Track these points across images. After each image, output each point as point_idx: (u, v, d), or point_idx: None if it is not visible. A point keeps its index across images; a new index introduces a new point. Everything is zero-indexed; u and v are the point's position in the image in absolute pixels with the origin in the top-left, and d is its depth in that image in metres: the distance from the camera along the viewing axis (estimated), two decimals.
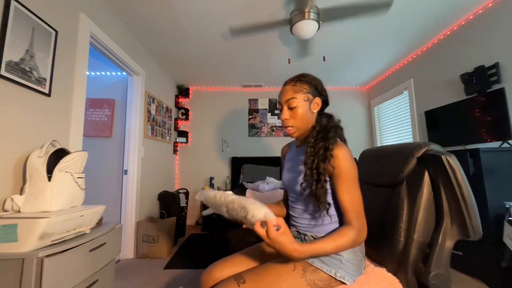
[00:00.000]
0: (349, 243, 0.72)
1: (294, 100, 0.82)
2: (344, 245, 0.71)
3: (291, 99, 0.82)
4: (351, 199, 0.74)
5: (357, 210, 0.74)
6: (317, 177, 0.75)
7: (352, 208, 0.74)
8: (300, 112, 0.82)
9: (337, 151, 0.75)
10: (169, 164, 3.46)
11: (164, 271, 2.02)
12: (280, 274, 0.73)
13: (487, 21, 2.03)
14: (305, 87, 0.83)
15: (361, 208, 0.75)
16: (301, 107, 0.82)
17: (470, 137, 2.06)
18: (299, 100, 0.82)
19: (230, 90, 4.02)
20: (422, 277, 0.69)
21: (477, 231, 0.66)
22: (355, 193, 0.75)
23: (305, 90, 0.83)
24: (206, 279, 0.85)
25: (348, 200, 0.74)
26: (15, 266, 0.86)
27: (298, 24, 1.94)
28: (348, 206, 0.74)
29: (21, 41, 1.19)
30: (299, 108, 0.82)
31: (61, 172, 1.11)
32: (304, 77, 0.85)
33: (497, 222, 1.53)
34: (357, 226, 0.73)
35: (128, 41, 2.30)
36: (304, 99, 0.82)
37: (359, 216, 0.74)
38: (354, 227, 0.72)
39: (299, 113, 0.82)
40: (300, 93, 0.82)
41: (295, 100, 0.82)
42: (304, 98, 0.82)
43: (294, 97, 0.82)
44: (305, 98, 0.83)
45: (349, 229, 0.72)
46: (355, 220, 0.73)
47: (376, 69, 3.38)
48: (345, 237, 0.71)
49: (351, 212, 0.73)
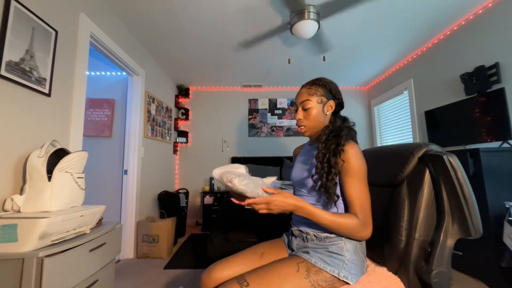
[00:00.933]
0: (348, 228, 0.73)
1: (308, 102, 0.88)
2: (341, 225, 0.73)
3: (305, 101, 0.89)
4: (358, 194, 0.76)
5: (363, 206, 0.76)
6: (328, 169, 0.78)
7: (358, 203, 0.76)
8: (313, 113, 0.88)
9: (348, 147, 0.78)
10: (169, 164, 3.46)
11: (164, 271, 2.02)
12: (284, 276, 0.72)
13: (487, 21, 2.03)
14: (319, 90, 0.89)
15: (368, 205, 0.77)
16: (314, 109, 0.88)
17: (470, 137, 2.06)
18: (313, 102, 0.88)
19: (230, 90, 4.02)
20: (424, 276, 0.69)
21: (477, 230, 0.66)
22: (362, 189, 0.77)
23: (319, 93, 0.89)
24: (206, 279, 0.85)
25: (354, 195, 0.76)
26: (15, 266, 0.86)
27: (297, 25, 1.94)
28: (354, 201, 0.76)
29: (21, 41, 1.19)
30: (313, 110, 0.88)
31: (61, 172, 1.11)
32: (319, 80, 0.91)
33: (497, 222, 1.53)
34: (361, 219, 0.74)
35: (128, 41, 2.30)
36: (318, 101, 0.88)
37: (364, 211, 0.76)
38: (358, 218, 0.74)
39: (313, 114, 0.88)
40: (314, 96, 0.88)
41: (309, 102, 0.88)
42: (318, 100, 0.88)
43: (308, 99, 0.88)
44: (319, 101, 0.89)
45: (353, 217, 0.75)
46: (360, 214, 0.75)
47: (376, 69, 3.38)
48: (346, 219, 0.74)
49: (357, 206, 0.75)
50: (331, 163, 0.78)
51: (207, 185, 3.75)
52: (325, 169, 0.78)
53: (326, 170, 0.78)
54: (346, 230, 0.74)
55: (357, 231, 0.74)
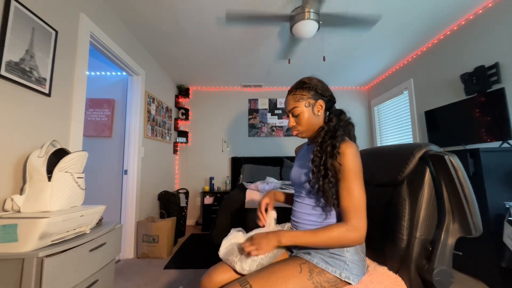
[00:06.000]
0: (335, 238, 0.73)
1: (296, 109, 0.87)
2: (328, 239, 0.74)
3: (293, 108, 0.88)
4: (353, 195, 0.75)
5: (355, 207, 0.74)
6: (324, 172, 0.77)
7: (349, 204, 0.75)
8: (304, 118, 0.87)
9: (344, 148, 0.77)
10: (169, 164, 3.46)
11: (164, 271, 2.02)
12: (287, 278, 0.71)
13: (487, 21, 2.03)
14: (304, 94, 0.87)
15: (362, 205, 0.75)
16: (305, 113, 0.87)
17: (470, 137, 2.06)
18: (301, 107, 0.87)
19: (230, 90, 4.02)
20: (426, 274, 0.70)
21: (477, 228, 0.67)
22: (358, 190, 0.75)
23: (305, 97, 0.87)
24: (207, 282, 0.83)
25: (349, 196, 0.75)
26: (15, 266, 0.86)
27: (298, 24, 1.94)
28: (346, 203, 0.75)
29: (21, 41, 1.19)
30: (303, 114, 0.87)
31: (61, 172, 1.10)
32: (303, 83, 0.89)
33: (497, 222, 1.53)
34: (351, 223, 0.73)
35: (128, 41, 2.30)
36: (306, 105, 0.87)
37: (356, 213, 0.74)
38: (346, 223, 0.74)
39: (304, 118, 0.87)
40: (301, 101, 0.87)
41: (297, 109, 0.87)
42: (305, 104, 0.87)
43: (295, 106, 0.87)
44: (306, 104, 0.87)
45: (339, 226, 0.75)
46: (351, 216, 0.74)
47: (376, 69, 3.38)
48: (330, 231, 0.74)
49: (347, 208, 0.75)
50: (327, 165, 0.77)
51: (207, 185, 3.75)
52: (322, 172, 0.78)
53: (323, 173, 0.78)
54: (335, 242, 0.74)
55: (346, 239, 0.73)
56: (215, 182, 3.79)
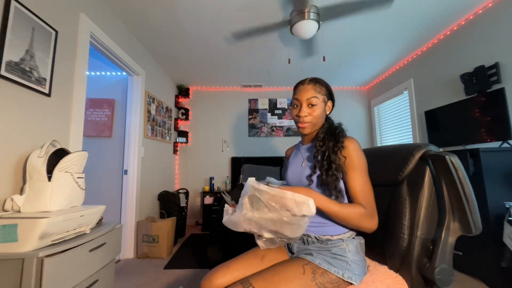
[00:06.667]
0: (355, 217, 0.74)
1: (315, 99, 0.87)
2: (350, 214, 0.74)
3: (312, 97, 0.87)
4: (362, 187, 0.77)
5: (367, 198, 0.77)
6: (328, 166, 0.78)
7: (362, 195, 0.77)
8: (318, 111, 0.88)
9: (348, 142, 0.80)
10: (169, 164, 3.46)
11: (164, 271, 2.02)
12: (291, 279, 0.70)
13: (487, 21, 2.03)
14: (323, 90, 0.89)
15: (372, 197, 0.78)
16: (319, 107, 0.88)
17: (470, 137, 2.06)
18: (319, 100, 0.88)
19: (230, 90, 4.02)
20: (427, 273, 0.70)
21: (477, 226, 0.68)
22: (366, 183, 0.78)
23: (323, 92, 0.89)
24: (207, 285, 0.81)
25: (358, 187, 0.77)
26: (15, 266, 0.85)
27: (297, 24, 1.94)
28: (359, 193, 0.77)
29: (21, 41, 1.19)
30: (318, 107, 0.87)
31: (61, 172, 1.10)
32: (321, 80, 0.91)
33: (497, 222, 1.53)
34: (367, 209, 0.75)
35: (128, 41, 2.30)
36: (323, 100, 0.89)
37: (369, 203, 0.76)
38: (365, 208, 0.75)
39: (318, 111, 0.87)
40: (320, 94, 0.88)
41: (316, 99, 0.87)
42: (322, 99, 0.89)
43: (315, 96, 0.87)
44: (323, 100, 0.89)
45: (360, 206, 0.76)
46: (365, 205, 0.76)
47: (376, 69, 3.38)
48: (353, 208, 0.75)
49: (361, 198, 0.76)
50: (331, 159, 0.78)
51: (207, 185, 3.75)
52: (325, 166, 0.79)
53: (326, 167, 0.79)
54: (354, 220, 0.74)
55: (365, 221, 0.74)
56: (215, 182, 3.79)
